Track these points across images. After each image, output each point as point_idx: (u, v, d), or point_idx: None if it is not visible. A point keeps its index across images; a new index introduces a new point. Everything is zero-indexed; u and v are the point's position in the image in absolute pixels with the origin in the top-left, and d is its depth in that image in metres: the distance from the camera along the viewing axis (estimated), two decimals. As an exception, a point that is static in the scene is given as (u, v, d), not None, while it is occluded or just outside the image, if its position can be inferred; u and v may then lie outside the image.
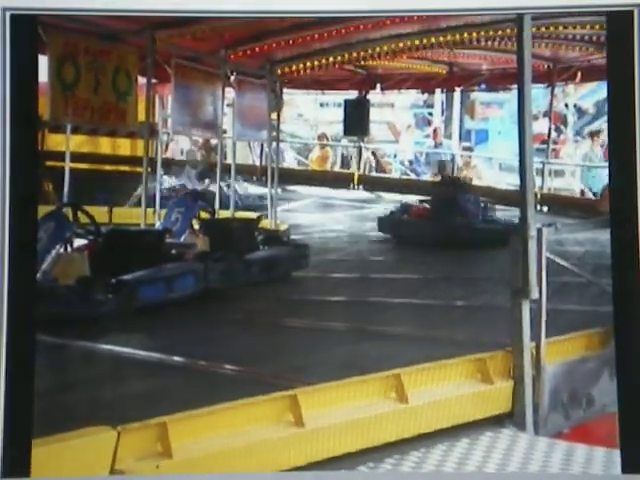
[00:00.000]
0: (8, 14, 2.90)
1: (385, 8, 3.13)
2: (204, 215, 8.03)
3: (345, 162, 12.78)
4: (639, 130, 2.96)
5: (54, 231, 6.05)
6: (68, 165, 8.32)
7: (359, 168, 12.19)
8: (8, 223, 2.87)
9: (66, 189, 8.09)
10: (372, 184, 12.03)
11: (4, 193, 2.88)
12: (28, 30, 2.95)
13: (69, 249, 6.16)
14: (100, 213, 7.57)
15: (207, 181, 10.13)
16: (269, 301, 6.77)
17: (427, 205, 9.63)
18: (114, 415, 3.45)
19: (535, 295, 3.97)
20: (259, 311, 6.36)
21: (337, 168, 12.66)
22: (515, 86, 3.93)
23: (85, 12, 3.13)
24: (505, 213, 9.37)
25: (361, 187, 11.96)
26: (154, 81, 8.33)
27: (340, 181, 11.98)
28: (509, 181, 10.87)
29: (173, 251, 7.01)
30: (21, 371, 2.93)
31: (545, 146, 10.83)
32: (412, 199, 10.52)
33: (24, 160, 2.92)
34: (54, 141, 9.05)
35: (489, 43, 9.04)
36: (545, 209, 10.03)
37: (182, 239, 7.52)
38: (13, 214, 2.86)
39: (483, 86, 11.25)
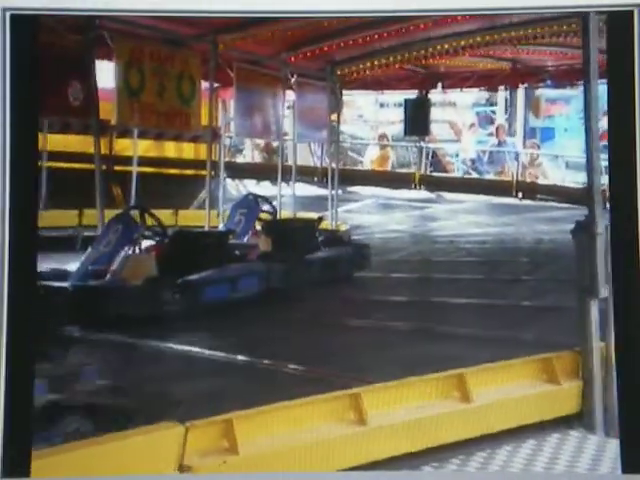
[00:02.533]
0: (8, 14, 2.90)
1: (395, 8, 3.11)
2: (266, 216, 8.13)
3: (404, 162, 12.71)
4: (639, 130, 2.95)
5: (122, 233, 6.21)
6: (135, 169, 8.57)
7: (420, 168, 12.16)
8: (8, 223, 2.88)
9: (133, 192, 8.33)
10: (434, 184, 11.94)
11: (4, 193, 2.88)
12: (28, 30, 2.94)
13: (137, 250, 6.30)
14: (166, 215, 7.75)
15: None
16: (331, 301, 6.78)
17: None
18: (180, 412, 3.52)
19: (603, 294, 3.86)
20: (321, 311, 6.39)
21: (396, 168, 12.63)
22: (582, 82, 3.88)
23: (85, 12, 3.10)
24: (571, 212, 9.14)
25: (422, 187, 11.88)
26: (217, 85, 8.49)
27: (401, 181, 11.97)
28: (576, 179, 10.59)
29: (236, 252, 7.10)
30: (21, 371, 2.93)
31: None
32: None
33: (24, 160, 2.92)
34: (121, 146, 9.31)
35: (554, 38, 8.80)
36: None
37: (245, 240, 7.65)
38: (13, 214, 2.87)
39: (549, 82, 10.98)
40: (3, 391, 2.90)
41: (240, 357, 4.99)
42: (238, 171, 10.76)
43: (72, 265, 6.05)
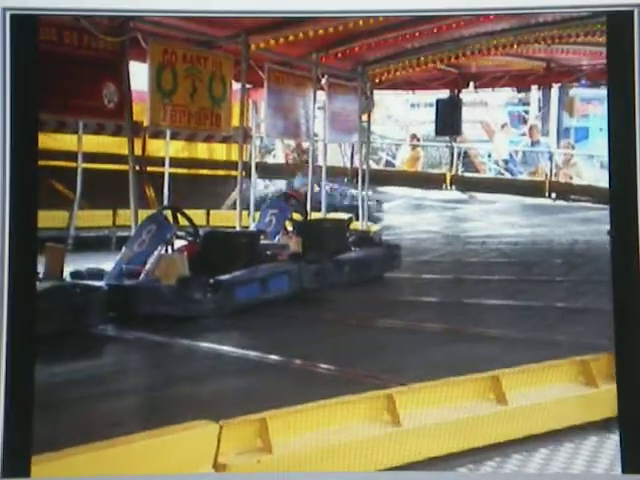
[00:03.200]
0: (8, 14, 2.93)
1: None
2: (297, 217, 8.13)
3: (435, 163, 12.63)
4: (639, 130, 2.97)
5: (155, 233, 6.28)
6: (168, 170, 8.64)
7: (451, 168, 12.07)
8: (8, 225, 2.93)
9: (166, 193, 8.41)
10: (465, 184, 11.86)
11: (4, 194, 2.91)
12: (28, 30, 2.97)
13: (170, 250, 6.36)
14: (198, 215, 7.80)
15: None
16: (362, 302, 6.78)
17: None
18: (214, 410, 3.52)
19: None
20: (353, 311, 6.39)
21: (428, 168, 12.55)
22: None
23: (86, 12, 3.15)
24: (605, 213, 8.98)
25: (454, 187, 11.81)
26: (248, 86, 8.48)
27: (432, 181, 11.91)
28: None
29: (267, 252, 7.12)
30: (21, 371, 2.97)
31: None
32: None
33: (24, 160, 2.96)
34: (154, 147, 9.40)
35: (589, 37, 8.67)
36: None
37: (276, 240, 7.64)
38: (13, 215, 2.93)
39: (583, 82, 10.84)
40: (3, 391, 2.94)
41: (272, 357, 5.00)
42: (269, 171, 10.79)
43: (108, 264, 6.12)
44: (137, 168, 7.17)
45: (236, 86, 8.07)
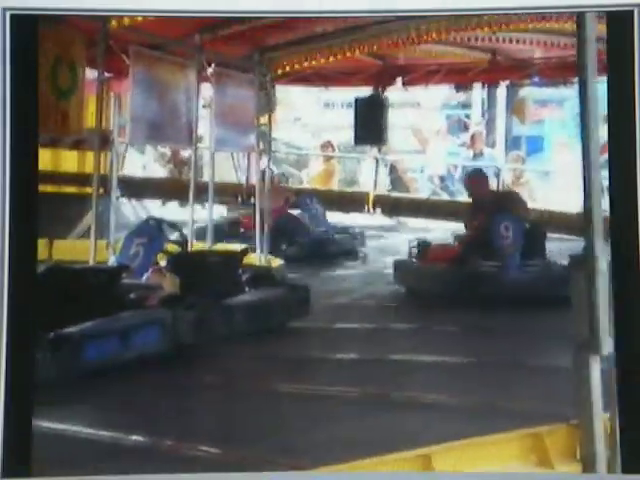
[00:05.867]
0: (8, 14, 3.56)
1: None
2: (173, 248, 8.13)
3: (354, 179, 12.83)
4: (639, 130, 3.57)
5: None
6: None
7: (375, 186, 12.25)
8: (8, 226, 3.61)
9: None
10: (392, 207, 12.08)
11: (4, 194, 3.57)
12: (28, 30, 3.63)
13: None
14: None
15: None
16: (257, 360, 6.81)
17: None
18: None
19: (607, 350, 3.92)
20: (245, 374, 6.42)
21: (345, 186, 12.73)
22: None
23: (86, 12, 3.80)
24: (567, 245, 9.31)
25: (378, 211, 12.01)
26: (107, 75, 8.41)
27: (350, 203, 12.05)
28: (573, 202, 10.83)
29: (131, 295, 7.08)
30: (21, 370, 3.62)
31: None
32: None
33: (24, 160, 3.61)
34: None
35: (543, 22, 9.00)
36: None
37: (144, 279, 7.62)
38: (12, 218, 3.60)
39: (537, 79, 11.16)
40: (3, 391, 3.57)
41: (136, 438, 4.96)
42: (136, 188, 10.69)
43: None
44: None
45: (91, 74, 8.02)
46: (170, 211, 10.42)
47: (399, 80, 11.39)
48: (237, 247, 8.99)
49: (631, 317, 3.67)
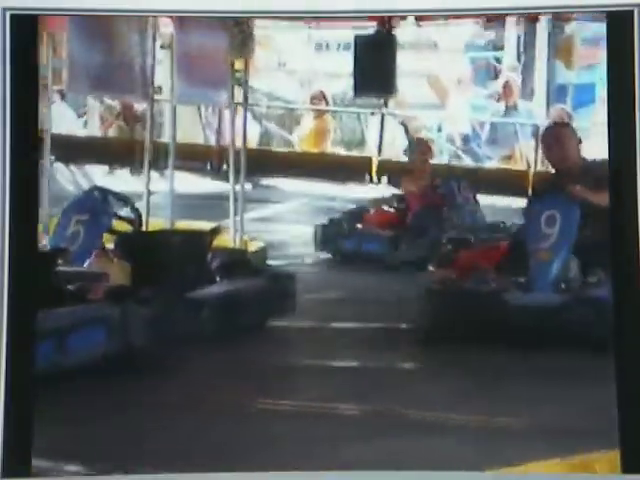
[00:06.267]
0: (8, 14, 4.20)
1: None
2: (122, 226, 8.17)
3: (354, 140, 12.78)
4: (639, 130, 4.24)
5: None
6: None
7: (380, 149, 12.18)
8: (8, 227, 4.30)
9: None
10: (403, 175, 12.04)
11: (4, 193, 4.24)
12: (28, 30, 4.29)
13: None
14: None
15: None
16: (231, 369, 6.84)
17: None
18: None
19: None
20: (215, 386, 6.44)
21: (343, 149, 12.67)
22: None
23: (87, 12, 4.45)
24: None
25: (384, 180, 11.99)
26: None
27: (349, 170, 11.97)
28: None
29: (70, 286, 7.12)
30: (21, 370, 4.31)
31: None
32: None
33: (24, 160, 4.29)
34: None
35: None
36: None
37: (85, 265, 7.67)
38: (13, 213, 4.28)
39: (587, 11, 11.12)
40: (3, 390, 4.23)
41: (71, 467, 5.00)
42: (77, 150, 10.65)
43: None
44: None
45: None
46: (119, 180, 10.33)
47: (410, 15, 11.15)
48: (205, 225, 9.01)
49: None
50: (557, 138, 8.47)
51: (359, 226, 10.23)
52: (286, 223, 11.02)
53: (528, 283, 7.27)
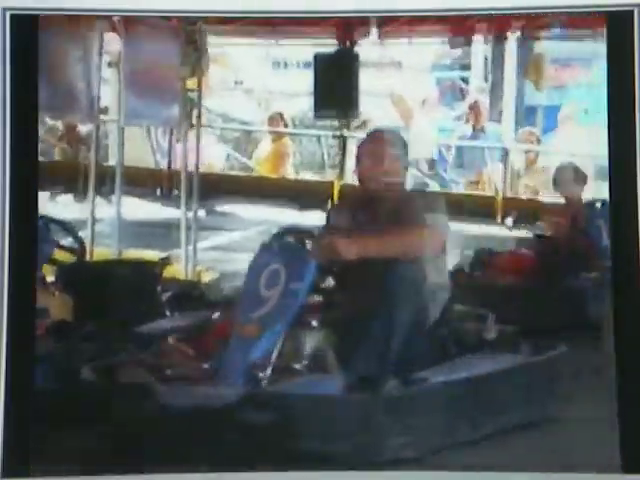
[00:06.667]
0: (8, 14, 4.33)
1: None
2: (64, 256, 8.06)
3: (315, 163, 12.66)
4: (639, 130, 4.30)
5: None
6: None
7: (342, 173, 12.07)
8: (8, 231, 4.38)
9: None
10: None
11: (4, 194, 4.32)
12: (28, 30, 4.40)
13: None
14: None
15: None
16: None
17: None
18: None
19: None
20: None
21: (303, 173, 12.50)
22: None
23: (87, 12, 4.64)
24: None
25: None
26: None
27: (309, 196, 11.86)
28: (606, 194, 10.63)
29: None
30: (21, 370, 4.41)
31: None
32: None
33: (24, 160, 4.39)
34: None
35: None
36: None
37: None
38: (12, 218, 4.39)
39: (557, 31, 10.87)
40: (3, 390, 4.34)
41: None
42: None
43: None
44: None
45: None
46: (62, 206, 10.25)
47: (374, 31, 11.05)
48: (155, 255, 9.03)
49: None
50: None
51: None
52: (243, 252, 10.46)
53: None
